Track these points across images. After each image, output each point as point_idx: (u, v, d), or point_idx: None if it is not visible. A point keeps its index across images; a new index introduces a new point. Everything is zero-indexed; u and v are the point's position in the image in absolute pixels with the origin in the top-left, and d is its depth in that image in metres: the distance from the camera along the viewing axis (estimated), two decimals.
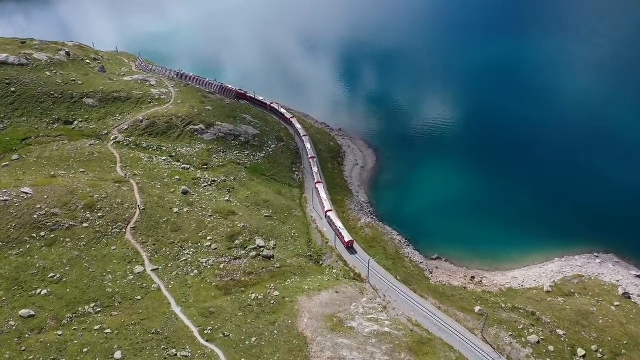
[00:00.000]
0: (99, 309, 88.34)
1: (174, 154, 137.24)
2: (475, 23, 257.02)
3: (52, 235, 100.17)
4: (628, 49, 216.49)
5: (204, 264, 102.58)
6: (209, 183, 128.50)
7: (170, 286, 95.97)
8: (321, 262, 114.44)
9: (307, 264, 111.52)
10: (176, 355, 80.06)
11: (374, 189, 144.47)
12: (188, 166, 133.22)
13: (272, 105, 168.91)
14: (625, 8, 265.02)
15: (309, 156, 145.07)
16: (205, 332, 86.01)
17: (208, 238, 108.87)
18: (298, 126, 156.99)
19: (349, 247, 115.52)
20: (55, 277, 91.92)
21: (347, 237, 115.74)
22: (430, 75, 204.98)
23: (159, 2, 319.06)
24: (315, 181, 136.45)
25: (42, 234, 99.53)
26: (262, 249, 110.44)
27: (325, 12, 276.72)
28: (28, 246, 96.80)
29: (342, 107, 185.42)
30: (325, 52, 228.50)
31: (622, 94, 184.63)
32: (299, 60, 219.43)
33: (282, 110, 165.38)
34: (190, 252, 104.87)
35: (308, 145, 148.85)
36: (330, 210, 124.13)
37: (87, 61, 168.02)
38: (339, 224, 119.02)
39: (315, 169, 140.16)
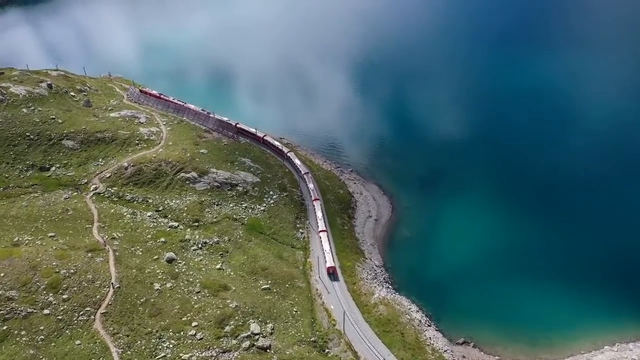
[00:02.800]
0: None
1: (161, 208, 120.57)
2: (503, 41, 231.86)
3: (5, 327, 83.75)
4: None
5: None
6: (200, 246, 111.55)
7: None
8: (327, 351, 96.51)
9: (310, 354, 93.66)
10: None
11: (390, 248, 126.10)
12: (176, 224, 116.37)
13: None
14: None
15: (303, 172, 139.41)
16: None
17: (193, 324, 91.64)
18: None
19: (330, 274, 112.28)
20: None
21: (329, 263, 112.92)
22: (454, 104, 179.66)
23: (169, 12, 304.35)
24: (313, 198, 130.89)
25: None
26: (257, 336, 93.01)
27: (336, 33, 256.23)
28: None
29: (354, 144, 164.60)
30: (334, 76, 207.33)
31: None
32: (306, 87, 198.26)
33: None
34: (171, 345, 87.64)
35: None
36: (324, 231, 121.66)
37: (72, 94, 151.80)
38: (326, 247, 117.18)
39: (311, 186, 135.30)
